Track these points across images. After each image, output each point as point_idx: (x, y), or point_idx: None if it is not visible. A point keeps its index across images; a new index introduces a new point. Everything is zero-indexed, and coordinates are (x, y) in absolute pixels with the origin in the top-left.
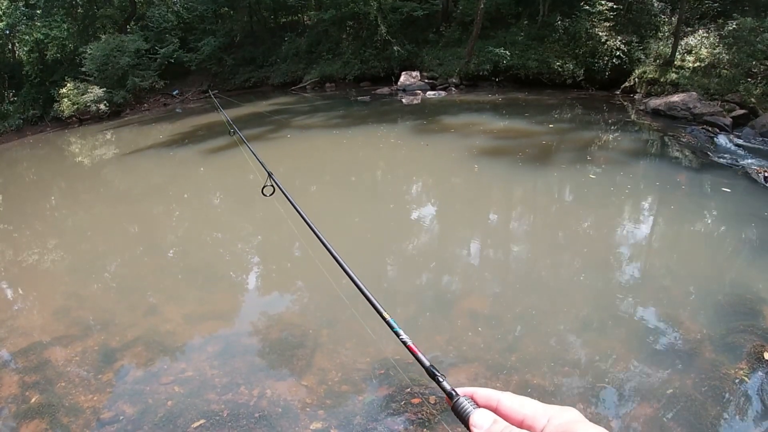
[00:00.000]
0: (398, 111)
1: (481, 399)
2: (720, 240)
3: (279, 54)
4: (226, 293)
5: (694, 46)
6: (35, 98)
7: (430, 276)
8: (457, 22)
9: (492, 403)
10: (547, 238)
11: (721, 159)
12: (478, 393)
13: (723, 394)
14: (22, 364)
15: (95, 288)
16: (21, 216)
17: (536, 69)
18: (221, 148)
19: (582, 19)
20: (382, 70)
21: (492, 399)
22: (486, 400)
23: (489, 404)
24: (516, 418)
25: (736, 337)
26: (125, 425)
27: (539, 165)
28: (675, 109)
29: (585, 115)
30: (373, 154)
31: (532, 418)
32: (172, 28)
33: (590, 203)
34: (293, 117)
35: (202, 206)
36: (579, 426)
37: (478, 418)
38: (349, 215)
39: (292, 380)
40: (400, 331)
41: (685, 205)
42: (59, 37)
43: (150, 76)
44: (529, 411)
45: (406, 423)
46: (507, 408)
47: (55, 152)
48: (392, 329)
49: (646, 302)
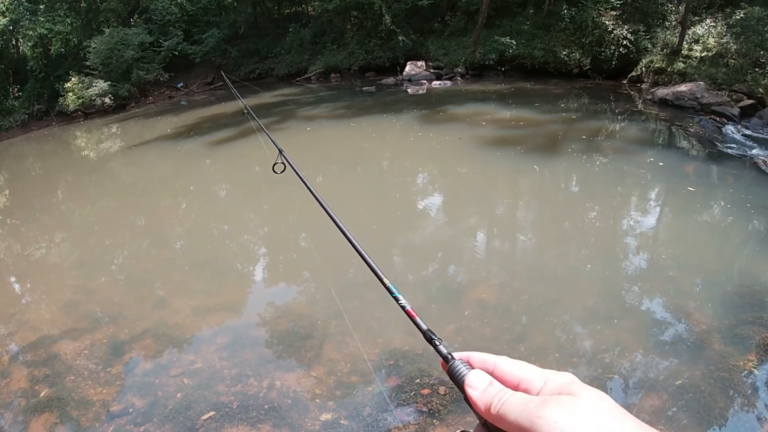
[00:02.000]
0: (403, 101)
1: (477, 363)
2: (728, 230)
3: (283, 45)
4: (234, 285)
5: (701, 36)
6: (40, 93)
7: (438, 266)
8: (462, 12)
9: (488, 366)
10: (553, 228)
11: (729, 149)
12: (474, 357)
13: (731, 385)
14: (31, 358)
15: (103, 281)
16: (28, 210)
17: (542, 58)
18: (227, 139)
19: (588, 7)
20: (387, 60)
21: (488, 363)
22: (482, 364)
23: (485, 368)
24: (512, 381)
25: (745, 329)
26: (135, 418)
27: (546, 155)
28: (682, 98)
29: (592, 104)
30: (378, 145)
31: (528, 381)
32: (175, 20)
33: (597, 193)
34: (298, 108)
35: (208, 198)
36: (576, 386)
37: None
38: (356, 205)
39: (301, 371)
40: (399, 296)
41: (692, 195)
42: (63, 32)
43: (154, 69)
44: (525, 374)
45: (416, 414)
46: (503, 371)
47: (61, 146)
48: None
49: (654, 293)
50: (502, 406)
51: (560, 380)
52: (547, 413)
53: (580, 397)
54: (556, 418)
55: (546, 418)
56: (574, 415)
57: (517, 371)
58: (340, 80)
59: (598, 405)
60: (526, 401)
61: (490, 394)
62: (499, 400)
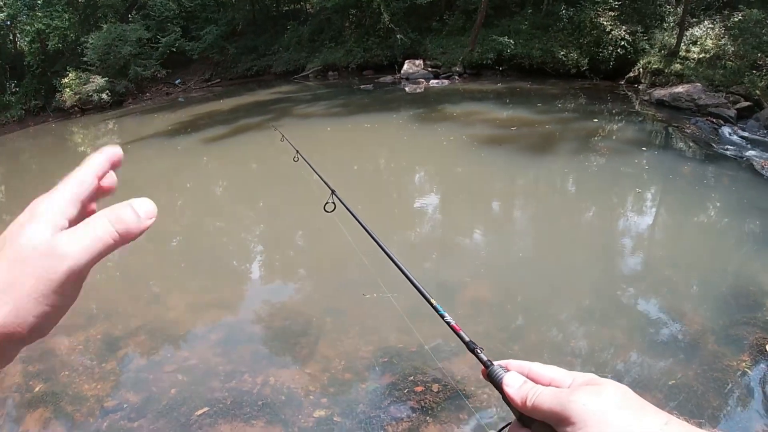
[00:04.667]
0: (401, 99)
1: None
2: (723, 231)
3: (281, 42)
4: (230, 282)
5: (699, 37)
6: (37, 88)
7: (432, 264)
8: (460, 11)
9: (523, 370)
10: (549, 228)
11: (725, 151)
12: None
13: (725, 385)
14: (25, 353)
15: (98, 277)
16: (24, 206)
17: (540, 58)
18: (223, 136)
19: (586, 8)
20: (385, 59)
21: (523, 367)
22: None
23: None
24: (543, 381)
25: (739, 329)
26: (129, 413)
27: (542, 154)
28: (679, 100)
29: (589, 104)
30: (374, 143)
31: (557, 380)
32: (173, 16)
33: (593, 193)
34: (295, 105)
35: (204, 195)
36: (599, 380)
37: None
38: (351, 204)
39: (295, 368)
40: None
41: (688, 196)
42: (60, 27)
43: (152, 66)
44: (555, 375)
45: (409, 411)
46: (536, 374)
47: (58, 142)
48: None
49: (649, 293)
50: (537, 398)
51: (585, 377)
52: (576, 398)
53: (603, 386)
54: (585, 401)
55: (576, 401)
56: (599, 397)
57: (548, 372)
58: (338, 78)
59: (620, 391)
60: (558, 392)
61: (525, 390)
62: (534, 394)
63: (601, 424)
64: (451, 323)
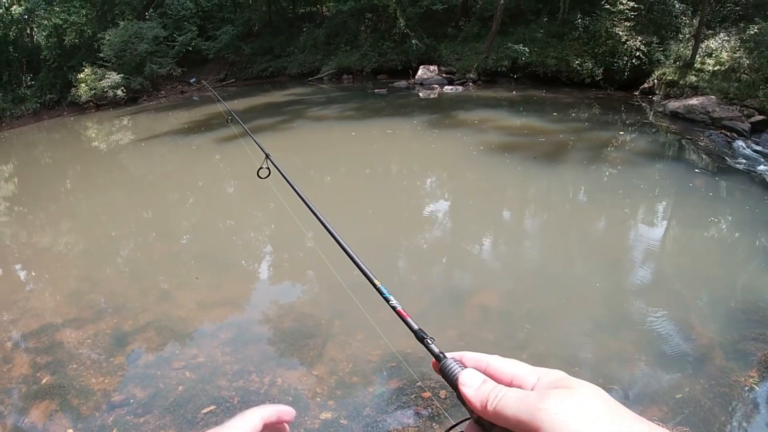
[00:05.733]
0: (414, 105)
1: (470, 362)
2: (734, 246)
3: (297, 44)
4: (239, 281)
5: (714, 49)
6: (53, 83)
7: (442, 270)
8: (476, 17)
9: (481, 365)
10: (559, 237)
11: (738, 164)
12: (467, 356)
13: (732, 400)
14: (33, 345)
15: (108, 272)
16: (36, 199)
17: (555, 67)
18: (237, 136)
19: (602, 17)
20: (399, 64)
21: (481, 362)
22: (475, 363)
23: (478, 366)
24: (505, 379)
25: (747, 345)
26: (135, 408)
27: (554, 163)
28: (693, 112)
29: (602, 114)
30: (387, 148)
31: (521, 377)
32: (190, 15)
33: (604, 204)
34: (308, 108)
35: (215, 194)
36: (570, 381)
37: (467, 377)
38: (362, 207)
39: (303, 370)
40: (390, 297)
41: (699, 209)
42: (78, 23)
43: (168, 64)
44: (518, 370)
45: (415, 417)
46: (496, 369)
47: (72, 136)
48: (382, 295)
49: (658, 305)
50: (499, 402)
51: (553, 376)
52: (546, 405)
53: (576, 390)
54: (557, 410)
55: (546, 410)
56: (573, 406)
57: (509, 368)
58: (352, 81)
59: (595, 397)
60: (524, 396)
61: (485, 391)
62: (495, 396)
63: None
64: (397, 308)
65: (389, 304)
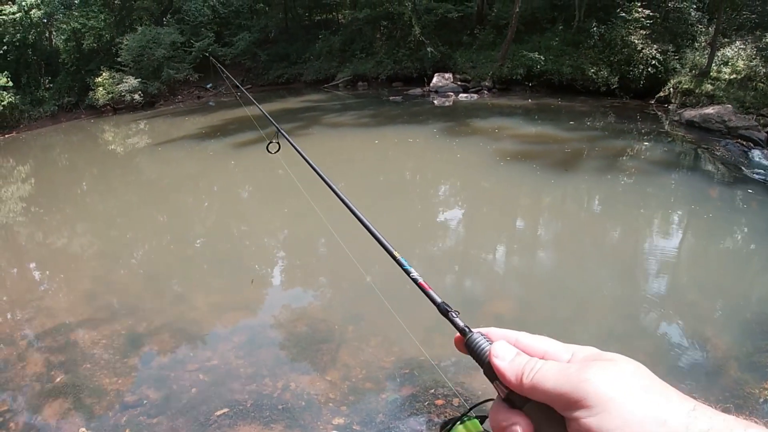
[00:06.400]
0: (429, 112)
1: (497, 338)
2: (749, 257)
3: (312, 51)
4: (253, 285)
5: (730, 58)
6: (71, 86)
7: (456, 278)
8: (491, 25)
9: (509, 341)
10: (573, 246)
11: (755, 174)
12: (493, 332)
13: (746, 413)
14: (48, 344)
15: (123, 274)
16: (52, 200)
17: (570, 75)
18: (252, 141)
19: (618, 26)
20: (414, 71)
21: (509, 337)
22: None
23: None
24: (537, 354)
25: (762, 357)
26: (148, 409)
27: (569, 172)
28: (709, 121)
29: (618, 123)
30: (401, 155)
31: (553, 353)
32: (207, 22)
33: (619, 213)
34: (324, 114)
35: (230, 199)
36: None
37: (500, 349)
38: (377, 213)
39: (316, 374)
40: (411, 269)
41: (715, 219)
42: (96, 27)
43: (185, 69)
44: (550, 347)
45: (429, 424)
46: (526, 345)
47: (89, 139)
48: (402, 267)
49: (672, 316)
50: (537, 374)
51: (588, 351)
52: (592, 376)
53: (618, 362)
54: (603, 380)
55: (591, 380)
56: (618, 377)
57: (540, 344)
58: (367, 89)
59: (638, 369)
60: (564, 368)
61: (520, 363)
62: (532, 368)
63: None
64: (418, 280)
65: (410, 276)
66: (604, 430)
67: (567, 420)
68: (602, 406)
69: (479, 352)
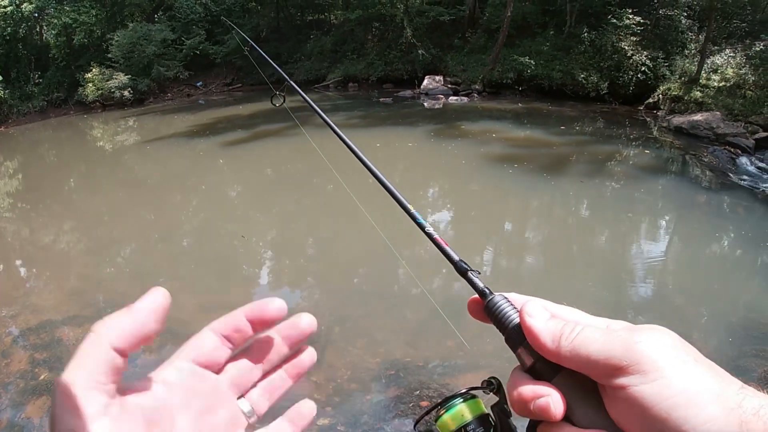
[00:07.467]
0: (419, 114)
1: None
2: (735, 262)
3: (304, 51)
4: (240, 285)
5: (720, 66)
6: (60, 81)
7: (443, 281)
8: (482, 29)
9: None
10: (559, 251)
11: (742, 181)
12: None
13: None
14: (32, 341)
15: (109, 272)
16: (39, 196)
17: (560, 80)
18: (241, 140)
19: (609, 32)
20: (405, 73)
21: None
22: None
23: None
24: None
25: (747, 361)
26: None
27: (556, 176)
28: (698, 128)
29: (607, 128)
30: (390, 156)
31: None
32: (199, 19)
33: (606, 218)
34: (314, 115)
35: (218, 198)
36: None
37: (534, 308)
38: (364, 217)
39: None
40: (425, 223)
41: (702, 225)
42: (87, 23)
43: (175, 67)
44: (581, 317)
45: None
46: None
47: (77, 135)
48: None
49: (658, 320)
50: (578, 336)
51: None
52: (645, 339)
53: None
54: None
55: (646, 344)
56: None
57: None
58: (358, 90)
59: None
60: (610, 331)
61: (558, 325)
62: (572, 330)
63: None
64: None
65: (424, 231)
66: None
67: (608, 390)
68: (659, 372)
69: (501, 316)
